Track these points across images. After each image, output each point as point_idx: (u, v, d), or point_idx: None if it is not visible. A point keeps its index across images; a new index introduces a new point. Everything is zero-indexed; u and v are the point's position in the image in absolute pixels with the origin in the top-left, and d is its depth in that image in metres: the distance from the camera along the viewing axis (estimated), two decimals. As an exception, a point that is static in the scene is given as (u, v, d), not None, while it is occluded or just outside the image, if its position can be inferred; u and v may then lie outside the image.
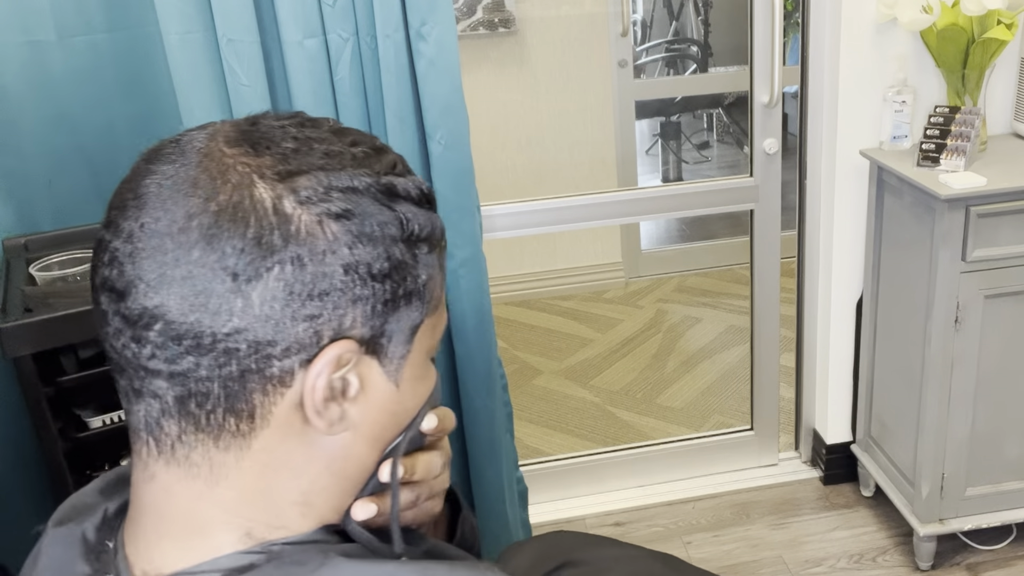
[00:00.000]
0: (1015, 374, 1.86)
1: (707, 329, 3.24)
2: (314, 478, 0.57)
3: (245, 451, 0.55)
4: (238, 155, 0.54)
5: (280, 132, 0.57)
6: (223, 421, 0.54)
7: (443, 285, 0.63)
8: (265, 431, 0.55)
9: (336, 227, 0.53)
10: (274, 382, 0.54)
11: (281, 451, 0.55)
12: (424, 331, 0.60)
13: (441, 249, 0.61)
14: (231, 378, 0.53)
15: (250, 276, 0.51)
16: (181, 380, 0.53)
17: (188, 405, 0.54)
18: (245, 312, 0.52)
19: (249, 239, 0.52)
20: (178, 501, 0.56)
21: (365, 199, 0.55)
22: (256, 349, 0.53)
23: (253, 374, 0.53)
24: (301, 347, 0.53)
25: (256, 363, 0.53)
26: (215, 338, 0.52)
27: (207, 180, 0.53)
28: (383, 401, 0.58)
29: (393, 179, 0.57)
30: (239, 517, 0.56)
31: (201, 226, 0.52)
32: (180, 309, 0.52)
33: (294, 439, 0.55)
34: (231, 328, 0.52)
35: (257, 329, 0.52)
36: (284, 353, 0.53)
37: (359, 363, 0.56)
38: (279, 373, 0.54)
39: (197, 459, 0.55)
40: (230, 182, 0.53)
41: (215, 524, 0.56)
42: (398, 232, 0.56)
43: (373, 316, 0.55)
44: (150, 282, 0.52)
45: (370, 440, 0.59)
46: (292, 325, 0.53)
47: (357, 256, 0.54)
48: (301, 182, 0.54)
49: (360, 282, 0.54)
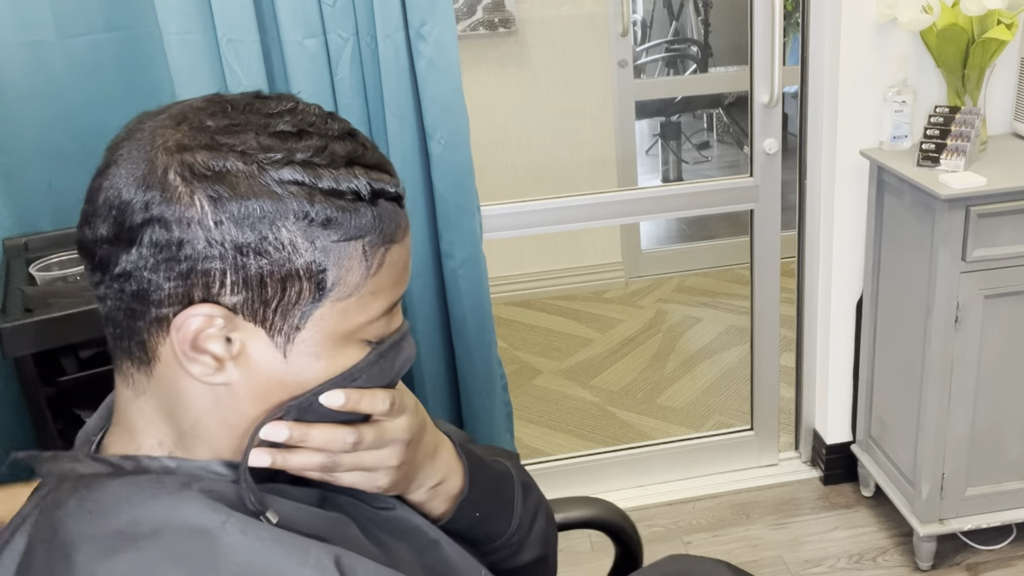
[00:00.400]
0: (1015, 374, 1.86)
1: (707, 329, 3.24)
2: (199, 416, 0.66)
3: (150, 376, 0.66)
4: (166, 126, 0.62)
5: (218, 107, 0.64)
6: (130, 346, 0.65)
7: (377, 277, 0.66)
8: (159, 364, 0.65)
9: (207, 203, 0.60)
10: (156, 325, 0.63)
11: (173, 385, 0.65)
12: (328, 315, 0.65)
13: (370, 244, 0.65)
14: (126, 312, 0.63)
15: (135, 230, 0.60)
16: (101, 304, 0.65)
17: (109, 327, 0.66)
18: (128, 260, 0.61)
19: (142, 199, 0.60)
20: (121, 402, 0.69)
21: (247, 181, 0.60)
22: (138, 293, 0.62)
23: (138, 313, 0.63)
24: (174, 301, 0.62)
25: (139, 305, 0.62)
26: (112, 275, 0.62)
27: (139, 144, 0.63)
28: (267, 368, 0.64)
29: (303, 168, 0.62)
30: (154, 427, 0.67)
31: (130, 176, 0.62)
32: (104, 243, 0.62)
33: (183, 378, 0.64)
34: (120, 271, 0.62)
35: (138, 276, 0.61)
36: (159, 303, 0.62)
37: (238, 328, 0.63)
38: (157, 318, 0.63)
39: (126, 371, 0.67)
40: (148, 146, 0.62)
41: (139, 428, 0.68)
42: (283, 216, 0.61)
43: (245, 289, 0.62)
44: (96, 215, 0.63)
45: (252, 398, 0.65)
46: (164, 280, 0.61)
47: (224, 233, 0.60)
48: (190, 157, 0.60)
49: (225, 256, 0.60)
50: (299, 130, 0.63)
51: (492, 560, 0.88)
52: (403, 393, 0.74)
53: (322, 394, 0.66)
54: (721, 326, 3.25)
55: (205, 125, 0.62)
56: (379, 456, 0.72)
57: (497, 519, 0.85)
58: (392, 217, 0.66)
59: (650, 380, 2.94)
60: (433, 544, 0.78)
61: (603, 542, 2.14)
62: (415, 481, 0.78)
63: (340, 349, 0.66)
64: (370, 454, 0.71)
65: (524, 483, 0.89)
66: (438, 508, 0.81)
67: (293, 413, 0.67)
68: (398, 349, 0.71)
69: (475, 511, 0.82)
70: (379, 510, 0.77)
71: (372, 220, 0.64)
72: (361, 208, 0.64)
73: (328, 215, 0.62)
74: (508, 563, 0.89)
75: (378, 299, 0.67)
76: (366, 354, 0.68)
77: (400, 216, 0.68)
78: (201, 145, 0.61)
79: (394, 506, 0.78)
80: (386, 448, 0.72)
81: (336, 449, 0.68)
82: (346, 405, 0.67)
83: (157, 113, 0.64)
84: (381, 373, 0.70)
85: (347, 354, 0.67)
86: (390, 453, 0.72)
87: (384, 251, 0.66)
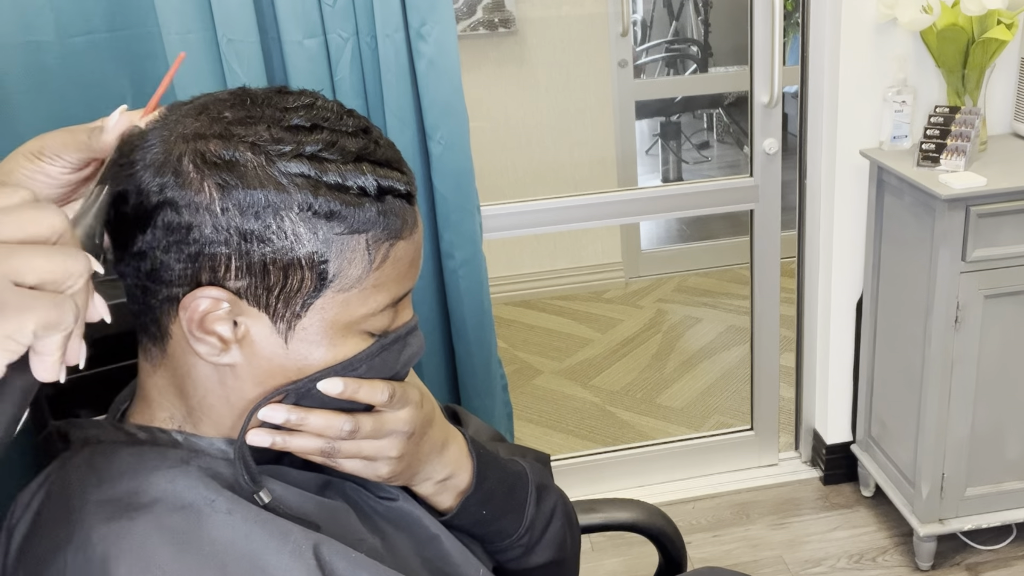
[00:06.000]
0: (1015, 374, 1.86)
1: (707, 329, 3.24)
2: (204, 394, 0.68)
3: (164, 352, 0.68)
4: (188, 115, 0.65)
5: (239, 100, 0.66)
6: (146, 323, 0.68)
7: (380, 271, 0.67)
8: (171, 341, 0.67)
9: (215, 190, 0.62)
10: (167, 304, 0.65)
11: (183, 361, 0.68)
12: (329, 305, 0.66)
13: (374, 238, 0.66)
14: (142, 289, 0.66)
15: (150, 212, 0.63)
16: (123, 281, 0.67)
17: (130, 303, 0.68)
18: (144, 240, 0.63)
19: (159, 182, 0.62)
20: (141, 375, 0.72)
21: (255, 171, 0.62)
22: (151, 273, 0.64)
23: (152, 292, 0.65)
24: (183, 282, 0.64)
25: (153, 283, 0.65)
26: (130, 253, 0.64)
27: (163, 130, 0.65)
28: (269, 352, 0.66)
29: (310, 161, 0.63)
30: (167, 401, 0.70)
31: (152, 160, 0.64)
32: (124, 222, 0.64)
33: (191, 356, 0.67)
34: (136, 250, 0.64)
35: (152, 256, 0.64)
36: (170, 282, 0.64)
37: (243, 312, 0.65)
38: (168, 297, 0.65)
39: (145, 345, 0.70)
40: (170, 133, 0.64)
41: (154, 401, 0.71)
42: (287, 207, 0.62)
43: (249, 275, 0.63)
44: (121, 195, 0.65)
45: (253, 380, 0.67)
46: (175, 262, 0.63)
47: (230, 219, 0.62)
48: (203, 145, 0.62)
49: (230, 242, 0.62)
50: (312, 125, 0.65)
51: (502, 559, 0.88)
52: (408, 386, 0.75)
53: (320, 381, 0.68)
54: (721, 326, 3.25)
55: (222, 116, 0.64)
56: (378, 446, 0.73)
57: (506, 518, 0.85)
58: (399, 213, 0.67)
59: (650, 380, 2.94)
60: (433, 538, 0.79)
61: (604, 542, 2.15)
62: (421, 473, 0.79)
63: (341, 339, 0.68)
64: (369, 443, 0.72)
65: (540, 485, 0.89)
66: (445, 502, 0.81)
67: (292, 397, 0.68)
68: (404, 343, 0.72)
69: (482, 508, 0.83)
70: (382, 500, 0.78)
71: (377, 215, 0.65)
72: (366, 203, 0.65)
73: (331, 208, 0.63)
74: (519, 563, 0.89)
75: (381, 293, 0.68)
76: (368, 345, 0.69)
77: (408, 213, 0.68)
78: (215, 134, 0.63)
79: (397, 497, 0.79)
80: (386, 439, 0.73)
81: (333, 435, 0.70)
82: (344, 393, 0.68)
83: (186, 103, 0.67)
84: (384, 365, 0.71)
85: (348, 344, 0.68)
86: (390, 444, 0.73)
87: (389, 246, 0.67)
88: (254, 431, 0.69)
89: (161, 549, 0.62)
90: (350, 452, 0.72)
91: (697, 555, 2.13)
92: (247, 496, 0.67)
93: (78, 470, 0.68)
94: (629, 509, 1.22)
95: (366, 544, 0.72)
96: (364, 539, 0.72)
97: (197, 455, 0.69)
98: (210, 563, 0.62)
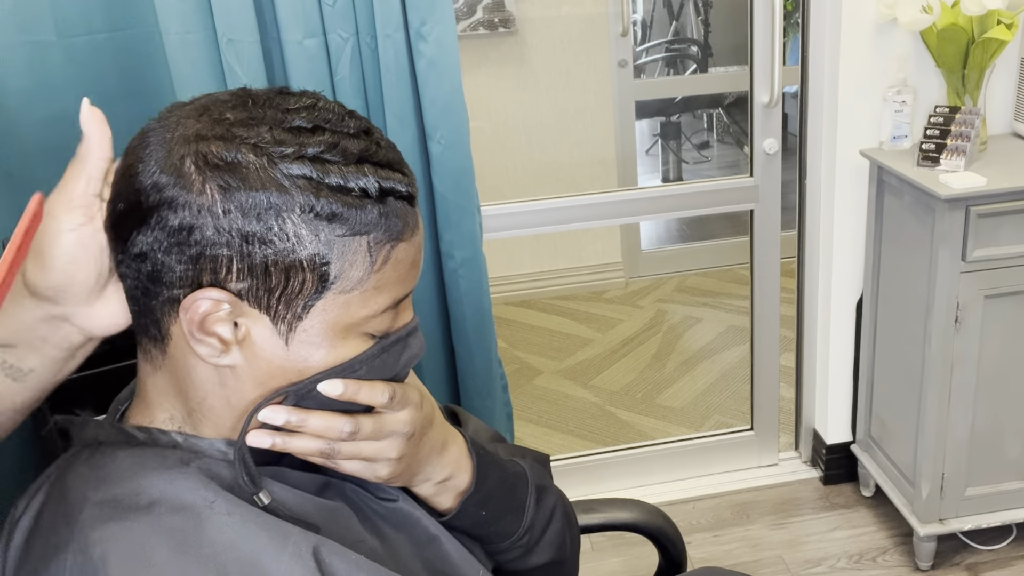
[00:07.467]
0: (1015, 374, 1.86)
1: (707, 329, 3.24)
2: (205, 395, 0.69)
3: (164, 354, 0.68)
4: (190, 116, 0.65)
5: (241, 101, 0.66)
6: (147, 324, 0.68)
7: (381, 273, 0.67)
8: (171, 342, 0.67)
9: (217, 191, 0.62)
10: (168, 305, 0.65)
11: (184, 363, 0.68)
12: (330, 307, 0.66)
13: (375, 240, 0.66)
14: (143, 290, 0.66)
15: (151, 213, 0.63)
16: (124, 282, 0.67)
17: (130, 303, 0.68)
18: (145, 241, 0.63)
19: (160, 183, 0.63)
20: (141, 376, 0.72)
21: (257, 173, 0.62)
22: (152, 274, 0.64)
23: (153, 293, 0.65)
24: (184, 283, 0.64)
25: (153, 285, 0.65)
26: (130, 254, 0.65)
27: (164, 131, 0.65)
28: (269, 354, 0.67)
29: (312, 163, 0.63)
30: (167, 402, 0.70)
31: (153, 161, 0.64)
32: (124, 223, 0.65)
33: (191, 358, 0.67)
34: (137, 251, 0.64)
35: (152, 257, 0.64)
36: (171, 284, 0.64)
37: (244, 313, 0.65)
38: (169, 299, 0.65)
39: (146, 346, 0.69)
40: (171, 134, 0.64)
41: (154, 401, 0.71)
42: (289, 209, 0.62)
43: (251, 276, 0.63)
44: (121, 196, 0.66)
45: (254, 381, 0.68)
46: (176, 263, 0.63)
47: (232, 221, 0.62)
48: (205, 147, 0.62)
49: (232, 243, 0.62)
50: (314, 126, 0.65)
51: (501, 560, 0.88)
52: (408, 388, 0.75)
53: (320, 382, 0.68)
54: (721, 326, 3.25)
55: (224, 117, 0.64)
56: (378, 447, 0.73)
57: (505, 519, 0.85)
58: (400, 215, 0.67)
59: (650, 380, 2.94)
60: (433, 539, 0.79)
61: (604, 542, 2.15)
62: (420, 474, 0.79)
63: (342, 340, 0.68)
64: (369, 444, 0.72)
65: (540, 486, 0.89)
66: (444, 503, 0.82)
67: (292, 398, 0.68)
68: (404, 344, 0.72)
69: (481, 509, 0.83)
70: (382, 501, 0.78)
71: (378, 217, 0.65)
72: (368, 205, 0.65)
73: (333, 210, 0.63)
74: (518, 564, 0.89)
75: (382, 294, 0.68)
76: (368, 347, 0.69)
77: (409, 215, 0.68)
78: (217, 136, 0.63)
79: (397, 498, 0.79)
80: (385, 440, 0.73)
81: (333, 437, 0.70)
82: (344, 395, 0.69)
83: (186, 103, 0.67)
84: (383, 366, 0.71)
85: (349, 346, 0.68)
86: (389, 445, 0.73)
87: (390, 248, 0.67)
88: (254, 432, 0.69)
89: (161, 550, 0.62)
90: (350, 453, 0.72)
91: (697, 555, 2.13)
92: (247, 497, 0.67)
93: (78, 471, 0.69)
94: (629, 509, 1.22)
95: (366, 545, 0.72)
96: (364, 540, 0.72)
97: (197, 456, 0.69)
98: (210, 564, 0.62)
